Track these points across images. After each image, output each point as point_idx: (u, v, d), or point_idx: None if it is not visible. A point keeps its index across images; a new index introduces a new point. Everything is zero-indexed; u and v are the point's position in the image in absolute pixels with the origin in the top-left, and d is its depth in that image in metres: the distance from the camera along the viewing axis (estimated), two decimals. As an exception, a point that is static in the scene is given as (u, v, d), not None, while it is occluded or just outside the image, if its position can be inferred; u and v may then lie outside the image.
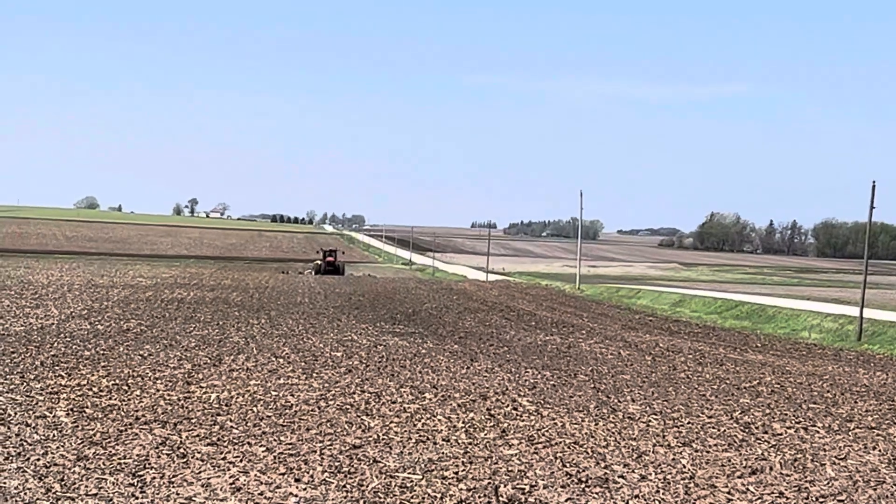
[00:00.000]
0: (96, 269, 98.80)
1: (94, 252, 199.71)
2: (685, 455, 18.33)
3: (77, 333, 35.37)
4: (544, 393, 25.85)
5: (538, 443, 18.82)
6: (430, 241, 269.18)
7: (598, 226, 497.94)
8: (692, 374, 32.76)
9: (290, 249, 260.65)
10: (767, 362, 38.17)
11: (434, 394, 24.54)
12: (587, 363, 34.28)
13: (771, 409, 25.13)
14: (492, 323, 52.55)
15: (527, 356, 35.61)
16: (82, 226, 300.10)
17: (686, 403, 25.29)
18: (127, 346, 32.20)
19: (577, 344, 41.82)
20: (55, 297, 54.79)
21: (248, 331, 39.74)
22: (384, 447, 17.69)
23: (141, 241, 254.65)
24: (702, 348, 43.07)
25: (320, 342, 36.31)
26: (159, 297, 58.67)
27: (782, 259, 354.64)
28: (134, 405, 20.85)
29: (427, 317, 54.77)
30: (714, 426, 21.91)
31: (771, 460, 18.27)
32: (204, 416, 19.91)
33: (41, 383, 23.29)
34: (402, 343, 37.78)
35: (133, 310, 48.04)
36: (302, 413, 20.83)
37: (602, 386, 28.08)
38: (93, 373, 25.39)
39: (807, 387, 30.53)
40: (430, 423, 20.35)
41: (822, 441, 20.74)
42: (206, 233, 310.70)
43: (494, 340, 41.60)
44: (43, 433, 17.50)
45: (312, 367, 28.80)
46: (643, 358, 37.22)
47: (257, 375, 26.32)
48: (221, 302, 57.57)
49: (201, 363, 28.52)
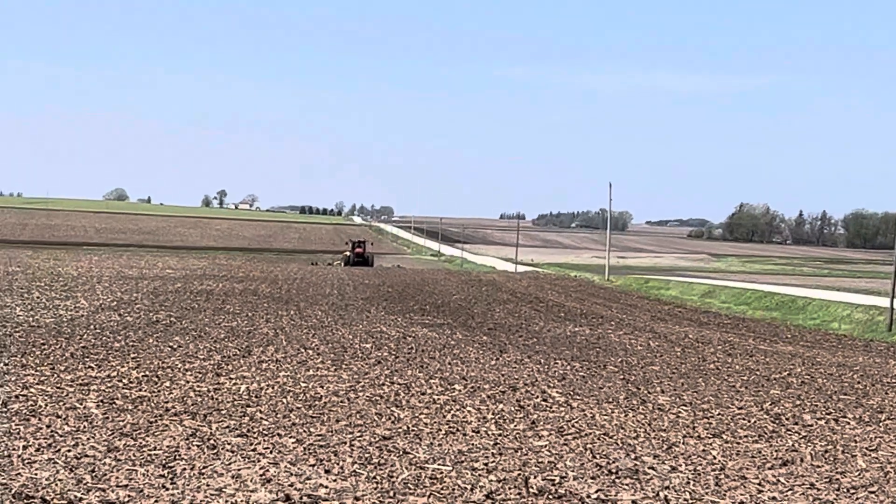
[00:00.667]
0: (125, 261, 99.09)
1: (123, 243, 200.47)
2: (715, 446, 18.26)
3: (107, 325, 35.46)
4: (574, 384, 25.81)
5: (568, 434, 18.78)
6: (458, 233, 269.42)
7: (627, 217, 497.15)
8: (722, 365, 32.67)
9: (319, 241, 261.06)
10: (797, 353, 38.05)
11: (463, 385, 24.52)
12: (617, 354, 34.22)
13: (801, 400, 25.04)
14: (521, 314, 52.51)
15: (556, 347, 35.57)
16: (112, 217, 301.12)
17: (716, 394, 25.22)
18: (156, 337, 32.26)
19: (606, 335, 41.75)
20: (85, 288, 54.96)
21: (278, 322, 39.78)
22: (414, 438, 17.68)
23: (170, 233, 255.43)
24: (731, 339, 42.94)
25: (349, 333, 36.33)
26: (188, 289, 58.79)
27: (812, 250, 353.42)
28: (164, 396, 20.88)
29: (456, 308, 54.76)
30: (744, 417, 21.84)
31: (801, 452, 18.20)
32: (233, 408, 19.93)
33: (71, 375, 23.35)
34: (432, 334, 37.78)
35: (162, 301, 48.15)
36: (331, 404, 20.83)
37: (632, 377, 28.03)
38: (122, 364, 25.45)
39: (837, 378, 30.41)
40: (459, 415, 20.32)
41: (852, 432, 20.64)
42: (235, 224, 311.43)
43: (524, 331, 41.57)
44: (73, 425, 17.53)
45: (342, 358, 28.81)
46: (673, 349, 37.14)
47: (287, 367, 26.34)
48: (250, 293, 57.66)
49: (231, 354, 28.55)
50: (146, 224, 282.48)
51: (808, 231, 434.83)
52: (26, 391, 20.77)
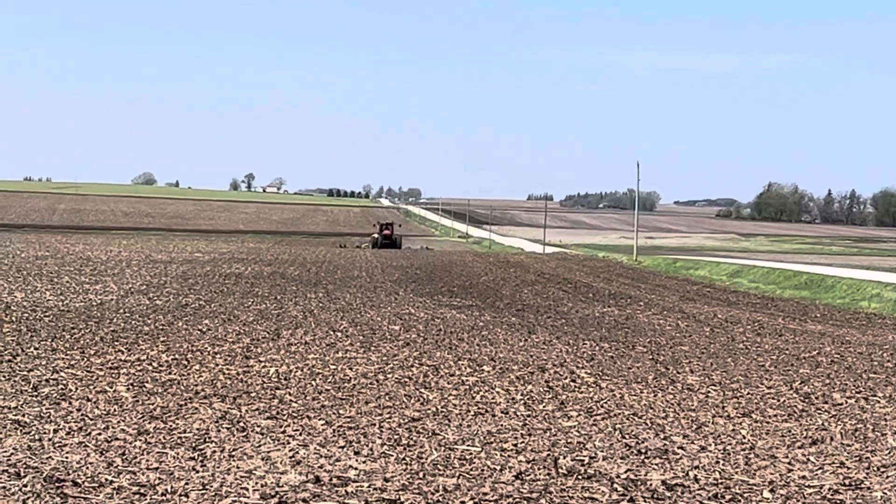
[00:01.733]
0: (154, 245, 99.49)
1: (151, 227, 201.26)
2: (745, 426, 18.22)
3: (136, 309, 35.61)
4: (602, 365, 25.78)
5: (597, 414, 18.77)
6: (486, 214, 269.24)
7: (654, 197, 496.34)
8: (751, 344, 32.59)
9: (347, 223, 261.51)
10: (827, 332, 37.91)
11: (492, 366, 24.53)
12: (645, 335, 34.18)
13: (831, 379, 24.95)
14: (549, 295, 52.50)
15: (584, 328, 35.55)
16: (140, 202, 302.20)
17: (745, 374, 25.16)
18: (186, 320, 32.38)
19: (634, 315, 41.70)
20: (114, 272, 55.21)
21: (306, 305, 39.88)
22: (443, 420, 17.69)
23: (198, 217, 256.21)
24: (760, 319, 42.83)
25: (378, 315, 36.40)
26: (217, 272, 59.00)
27: (841, 229, 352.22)
28: (193, 380, 20.96)
29: (484, 289, 54.79)
30: (773, 397, 21.78)
31: (831, 430, 18.14)
32: (263, 390, 19.98)
33: (101, 359, 23.45)
34: (460, 316, 37.80)
35: (191, 285, 48.31)
36: (360, 386, 20.87)
37: (660, 357, 27.98)
38: (152, 348, 25.55)
39: (867, 356, 30.30)
40: (488, 396, 20.33)
41: (882, 411, 20.56)
42: (263, 207, 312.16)
43: (552, 312, 41.56)
44: (104, 408, 17.62)
45: (370, 340, 28.86)
46: (701, 329, 37.07)
47: (315, 349, 26.40)
48: (279, 276, 57.82)
49: (259, 337, 28.64)
50: (174, 208, 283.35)
51: (836, 210, 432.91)
52: (57, 375, 20.87)
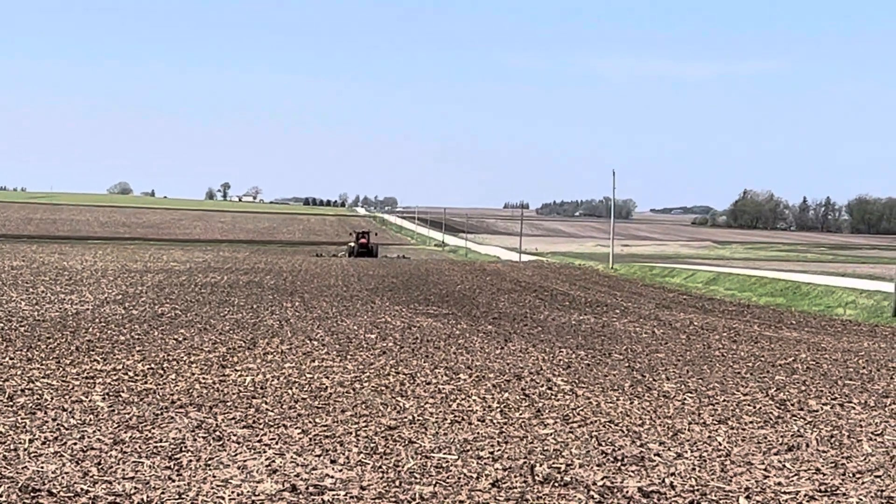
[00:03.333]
0: (130, 255, 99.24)
1: (127, 237, 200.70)
2: (721, 433, 18.27)
3: (112, 318, 35.53)
4: (579, 372, 25.82)
5: (573, 422, 18.80)
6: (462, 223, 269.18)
7: (630, 205, 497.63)
8: (727, 351, 32.68)
9: (323, 232, 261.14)
10: (802, 339, 38.05)
11: (469, 374, 24.55)
12: (621, 342, 34.23)
13: (806, 385, 25.04)
14: (525, 303, 52.54)
15: (561, 336, 35.60)
16: (115, 211, 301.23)
17: (721, 381, 25.22)
18: (162, 330, 32.33)
19: (611, 323, 41.77)
20: (90, 282, 55.05)
21: (283, 314, 39.85)
22: (419, 428, 17.70)
23: (174, 226, 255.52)
24: (736, 326, 42.96)
25: (354, 324, 36.39)
26: (193, 282, 58.90)
27: (816, 236, 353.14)
28: (169, 389, 20.93)
29: (461, 298, 54.81)
30: (749, 403, 21.84)
31: (807, 437, 18.20)
32: (239, 399, 19.97)
33: (77, 368, 23.40)
34: (436, 324, 37.82)
35: (167, 294, 48.23)
36: (337, 395, 20.87)
37: (637, 365, 28.04)
38: (128, 357, 25.50)
39: (842, 363, 30.40)
40: (464, 404, 20.35)
41: (858, 417, 20.64)
42: (239, 217, 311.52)
43: (528, 320, 41.60)
44: (79, 418, 17.58)
45: (347, 349, 28.85)
46: (678, 336, 37.16)
47: (292, 358, 26.39)
48: (255, 285, 57.74)
49: (236, 346, 28.61)
50: (150, 217, 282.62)
51: (812, 217, 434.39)
52: (32, 385, 20.82)
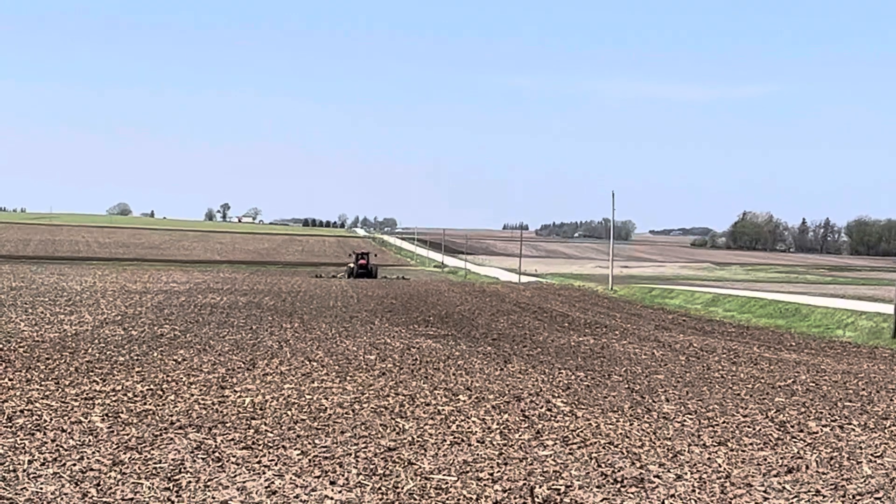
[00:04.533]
0: (129, 275, 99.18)
1: (126, 258, 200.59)
2: (720, 454, 18.25)
3: (111, 339, 35.49)
4: (578, 393, 25.80)
5: (573, 443, 18.78)
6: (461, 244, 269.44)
7: (630, 226, 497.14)
8: (726, 373, 32.64)
9: (322, 253, 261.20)
10: (802, 361, 38.01)
11: (468, 395, 24.52)
12: (621, 363, 34.20)
13: (806, 407, 25.02)
14: (525, 324, 52.49)
15: (560, 357, 35.56)
16: (115, 232, 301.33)
17: (721, 403, 25.20)
18: (161, 351, 32.30)
19: (610, 344, 41.73)
20: (89, 303, 55.01)
21: (282, 335, 39.81)
22: (419, 449, 17.68)
23: (173, 247, 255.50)
24: (736, 347, 42.92)
25: (353, 345, 36.35)
26: (192, 302, 58.85)
27: (815, 257, 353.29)
28: (168, 410, 20.90)
29: (460, 319, 54.76)
30: (749, 425, 21.82)
31: (807, 459, 18.18)
32: (238, 420, 19.94)
33: (76, 389, 23.38)
34: (436, 345, 37.78)
35: (167, 315, 48.19)
36: (336, 416, 20.85)
37: (636, 386, 28.01)
38: (127, 378, 25.48)
39: (842, 385, 30.38)
40: (464, 425, 20.33)
41: (858, 439, 20.62)
42: (239, 237, 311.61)
43: (528, 342, 41.55)
44: (78, 438, 17.56)
45: (346, 370, 28.82)
46: (677, 358, 37.12)
47: (291, 379, 26.36)
48: (254, 306, 57.70)
49: (235, 367, 28.58)
50: (150, 238, 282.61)
51: (811, 239, 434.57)
52: (31, 406, 20.80)
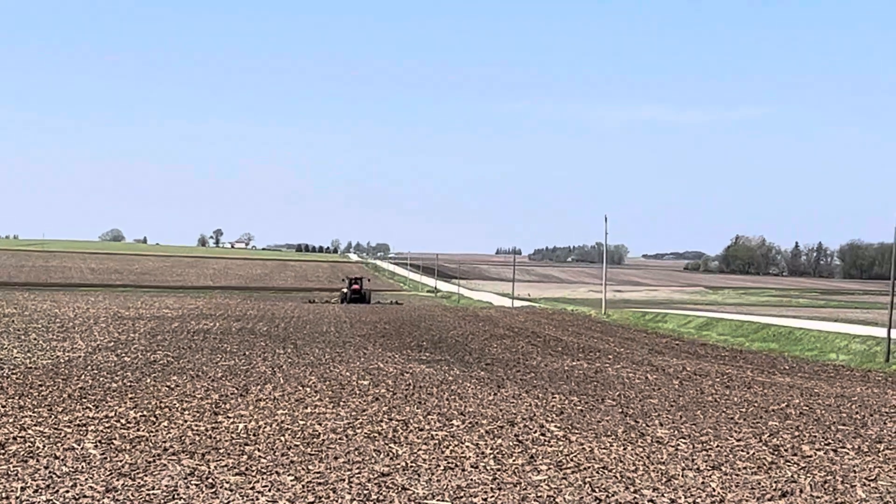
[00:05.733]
0: (122, 301, 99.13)
1: (119, 284, 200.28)
2: (714, 478, 18.25)
3: (104, 365, 35.46)
4: (572, 418, 25.79)
5: (567, 468, 18.77)
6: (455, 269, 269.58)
7: (623, 250, 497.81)
8: (720, 397, 32.66)
9: (316, 278, 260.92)
10: (795, 384, 38.04)
11: (461, 420, 24.51)
12: (614, 388, 34.20)
13: (800, 431, 25.03)
14: (518, 349, 52.50)
15: (554, 382, 35.56)
16: (108, 258, 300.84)
17: (714, 427, 25.20)
18: (154, 377, 32.27)
19: (603, 369, 41.74)
20: (81, 329, 54.96)
21: (275, 360, 39.79)
22: (412, 474, 17.66)
23: (166, 273, 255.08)
24: (729, 371, 42.94)
25: (347, 371, 36.33)
26: (185, 328, 58.83)
27: (808, 281, 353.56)
28: (162, 436, 20.88)
29: (453, 344, 54.76)
30: (743, 449, 21.82)
31: (801, 482, 18.18)
32: (232, 446, 19.92)
33: (69, 416, 23.35)
34: (429, 370, 37.76)
35: (160, 341, 48.16)
36: (330, 441, 20.83)
37: (630, 410, 28.01)
38: (120, 404, 25.45)
39: (835, 408, 30.40)
40: (458, 450, 20.31)
41: (851, 462, 20.63)
42: (232, 263, 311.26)
43: (521, 366, 41.56)
44: (71, 465, 17.53)
45: (339, 395, 28.80)
46: (671, 382, 37.13)
47: (284, 405, 26.34)
48: (248, 332, 57.68)
49: (228, 393, 28.56)
50: (142, 264, 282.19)
51: (804, 262, 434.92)
52: (24, 432, 20.77)
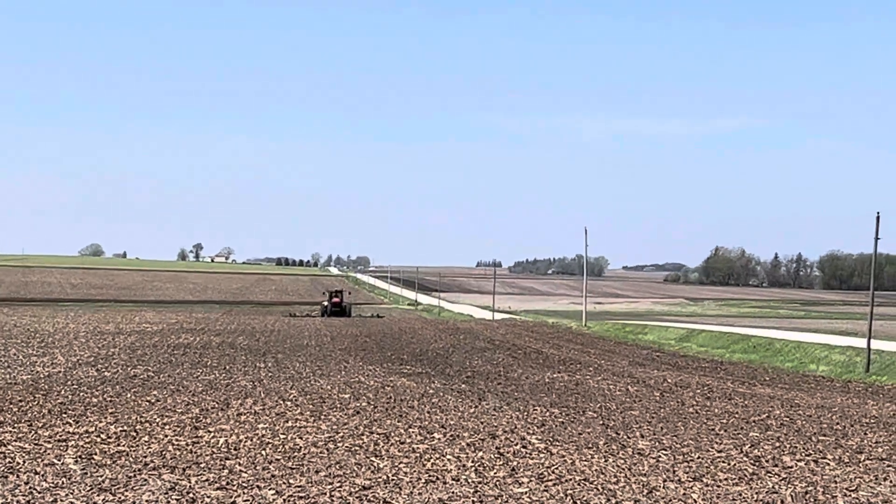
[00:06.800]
0: (102, 316, 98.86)
1: (99, 299, 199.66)
2: (696, 490, 18.27)
3: (84, 381, 35.36)
4: (553, 430, 25.80)
5: (548, 480, 18.77)
6: (435, 281, 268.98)
7: (603, 262, 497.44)
8: (701, 408, 32.69)
9: (296, 292, 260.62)
10: (776, 395, 38.09)
11: (443, 433, 24.50)
12: (595, 400, 34.22)
13: (781, 442, 25.07)
14: (499, 361, 52.49)
15: (535, 394, 35.56)
16: (87, 273, 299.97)
17: (695, 438, 25.23)
18: (134, 392, 32.19)
19: (584, 381, 41.75)
20: (62, 344, 54.81)
21: (256, 374, 39.72)
22: (394, 488, 17.65)
23: (146, 287, 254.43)
24: (710, 383, 42.98)
25: (328, 384, 36.29)
26: (166, 343, 58.69)
27: (788, 292, 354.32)
28: (142, 451, 20.83)
29: (434, 357, 54.73)
30: (724, 460, 21.85)
31: (782, 493, 18.21)
32: (212, 461, 19.87)
33: (49, 431, 23.28)
34: (410, 383, 37.74)
35: (140, 356, 48.05)
36: (311, 455, 20.80)
37: (611, 422, 28.02)
38: (101, 419, 25.38)
39: (816, 419, 30.46)
40: (439, 463, 20.30)
41: (832, 473, 20.67)
42: (212, 277, 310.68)
43: (502, 379, 41.55)
44: (52, 481, 17.47)
45: (320, 409, 28.77)
46: (651, 393, 37.16)
47: (265, 419, 26.30)
48: (228, 346, 57.58)
49: (209, 408, 28.50)
50: (122, 279, 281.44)
51: (783, 273, 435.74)
52: (4, 448, 20.70)
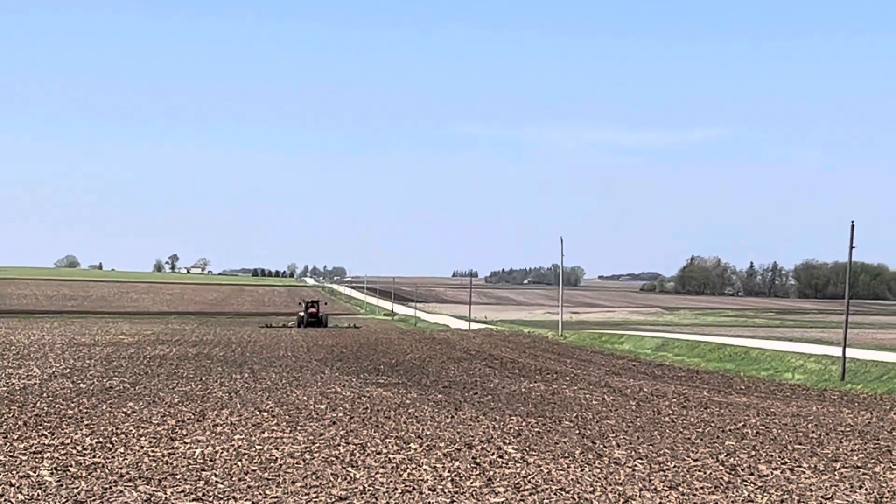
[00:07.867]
0: (78, 328, 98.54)
1: (75, 310, 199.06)
2: (672, 499, 18.30)
3: (60, 392, 35.24)
4: (529, 440, 25.81)
5: (524, 490, 18.77)
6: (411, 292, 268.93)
7: (579, 272, 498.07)
8: (677, 417, 32.75)
9: (272, 303, 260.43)
10: (752, 404, 38.18)
11: (419, 443, 24.49)
12: (572, 409, 34.24)
13: (756, 450, 25.12)
14: (475, 371, 52.50)
15: (511, 404, 35.57)
16: (63, 284, 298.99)
17: (671, 447, 25.27)
18: (110, 403, 32.10)
19: (561, 390, 41.78)
20: (37, 356, 54.62)
21: (232, 385, 39.65)
22: (370, 498, 17.63)
23: (122, 299, 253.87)
24: (686, 392, 43.07)
25: (304, 395, 36.24)
26: (142, 354, 58.55)
27: (764, 301, 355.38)
28: (118, 462, 20.77)
29: (410, 367, 54.70)
30: (700, 469, 21.89)
31: (758, 502, 18.26)
32: (188, 472, 19.83)
33: (24, 443, 23.19)
34: (386, 394, 37.71)
35: (116, 367, 47.91)
36: (287, 466, 20.77)
37: (587, 432, 28.04)
38: (76, 431, 25.30)
39: (791, 428, 30.54)
40: (415, 473, 20.29)
41: (808, 481, 20.73)
42: (188, 289, 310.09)
43: (478, 389, 41.55)
44: (27, 493, 17.41)
45: (296, 419, 28.73)
46: (627, 403, 37.20)
47: (241, 430, 26.25)
48: (204, 357, 57.46)
49: (185, 419, 28.43)
50: (98, 290, 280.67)
51: (759, 282, 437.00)
52: (-22, 461, 20.61)
